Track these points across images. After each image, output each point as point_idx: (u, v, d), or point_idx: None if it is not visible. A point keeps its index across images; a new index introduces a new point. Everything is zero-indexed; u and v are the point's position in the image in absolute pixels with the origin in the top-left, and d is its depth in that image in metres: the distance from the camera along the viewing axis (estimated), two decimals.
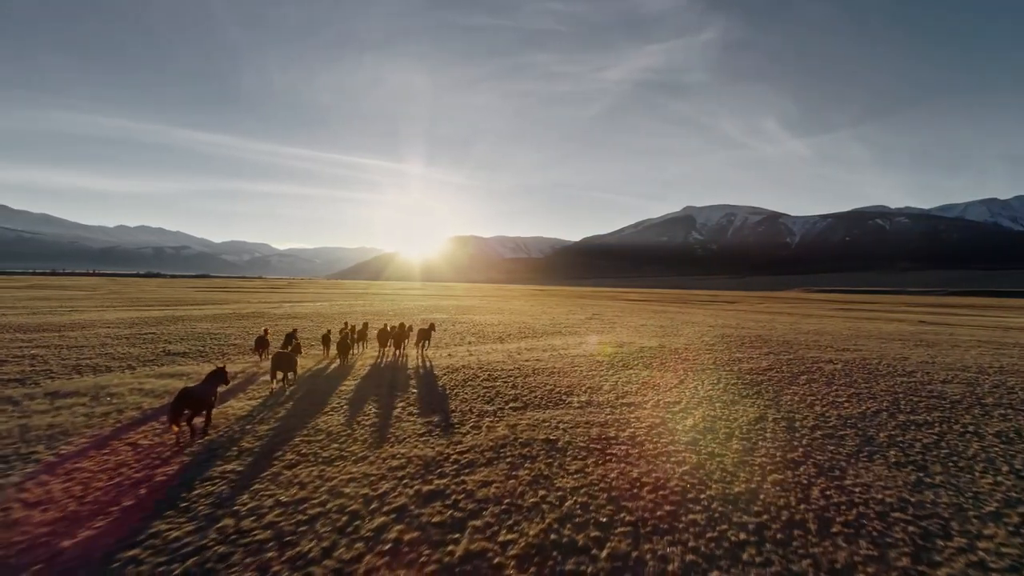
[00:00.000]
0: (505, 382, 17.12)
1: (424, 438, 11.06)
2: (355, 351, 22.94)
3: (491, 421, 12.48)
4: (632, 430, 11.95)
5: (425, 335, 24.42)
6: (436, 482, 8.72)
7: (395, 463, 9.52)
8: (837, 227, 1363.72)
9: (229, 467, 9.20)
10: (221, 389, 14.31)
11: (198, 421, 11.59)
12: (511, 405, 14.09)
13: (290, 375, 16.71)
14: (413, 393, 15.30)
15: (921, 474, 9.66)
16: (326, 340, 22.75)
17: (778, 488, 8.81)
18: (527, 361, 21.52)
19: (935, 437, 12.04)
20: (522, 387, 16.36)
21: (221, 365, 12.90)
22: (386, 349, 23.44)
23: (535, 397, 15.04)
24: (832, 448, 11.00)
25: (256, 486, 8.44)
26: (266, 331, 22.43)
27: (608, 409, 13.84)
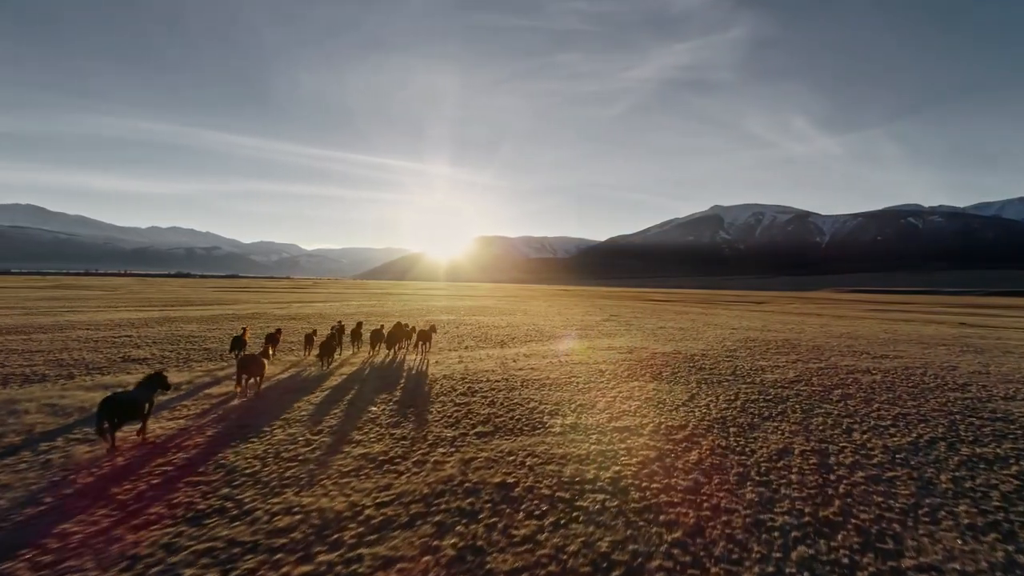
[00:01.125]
0: (484, 397, 14.66)
1: (346, 479, 8.60)
2: (340, 354, 21.53)
3: (443, 453, 9.98)
4: (618, 468, 9.36)
5: (425, 336, 23.03)
6: (318, 560, 6.22)
7: (282, 523, 7.06)
8: (868, 226, 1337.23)
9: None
10: (166, 396, 13.28)
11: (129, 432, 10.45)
12: (477, 430, 11.58)
13: (257, 379, 15.11)
14: (369, 412, 12.87)
15: (1010, 547, 6.93)
16: (309, 340, 21.52)
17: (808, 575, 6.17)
18: (520, 370, 19.06)
19: (1016, 482, 9.24)
20: (500, 405, 13.86)
21: (159, 369, 11.64)
22: (376, 350, 22.24)
23: (511, 419, 12.53)
24: (880, 499, 8.30)
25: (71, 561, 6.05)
26: (245, 331, 20.86)
27: (595, 436, 11.26)
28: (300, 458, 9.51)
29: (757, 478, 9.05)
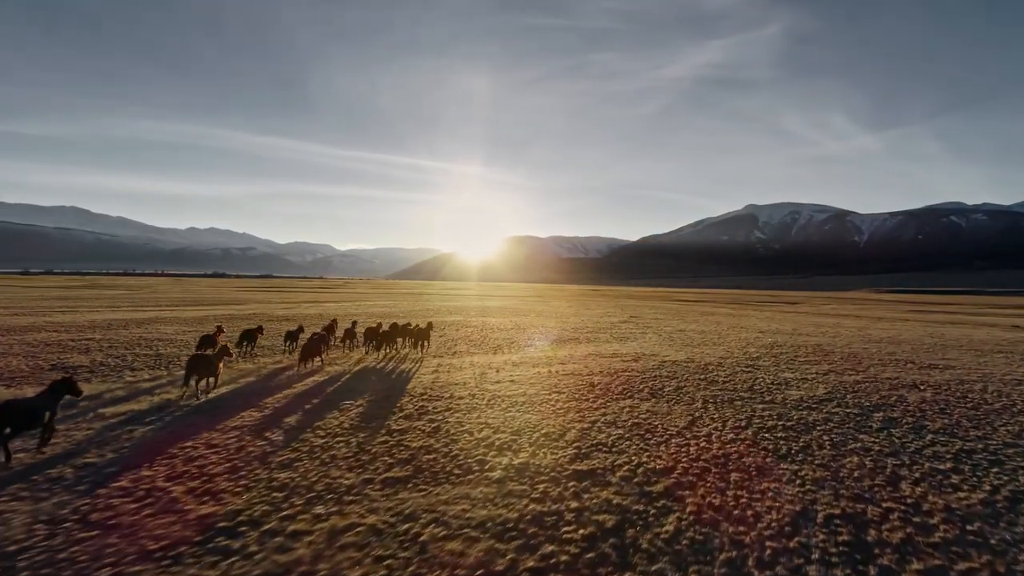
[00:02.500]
0: (430, 422, 11.81)
1: (149, 564, 5.78)
2: (327, 354, 20.50)
3: (314, 517, 7.16)
4: (551, 549, 6.41)
5: (423, 335, 22.71)
6: None
7: None
8: (908, 225, 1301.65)
9: None
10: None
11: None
12: (389, 475, 8.72)
13: (210, 381, 14.58)
14: (278, 437, 10.17)
15: None
16: (291, 339, 21.43)
17: None
18: (497, 383, 16.23)
19: None
20: (444, 434, 10.98)
21: (68, 375, 10.27)
22: (370, 349, 21.77)
23: (445, 456, 9.66)
24: None
25: None
26: (219, 330, 20.75)
27: (543, 487, 8.33)
28: (113, 526, 6.72)
29: (755, 569, 6.01)
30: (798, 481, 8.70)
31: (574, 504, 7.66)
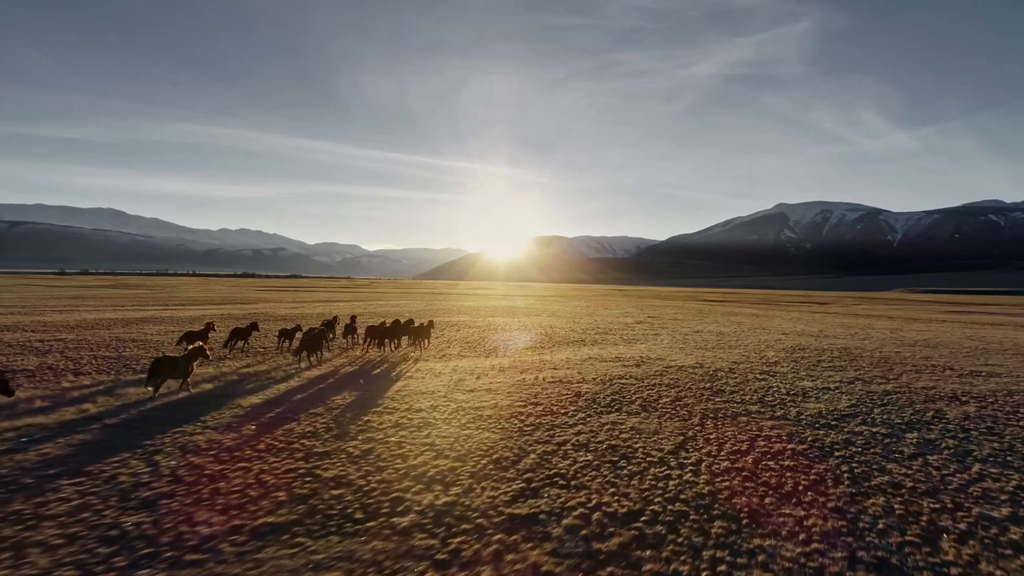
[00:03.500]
0: (366, 442, 9.97)
1: None
2: (326, 351, 20.46)
3: None
4: None
5: (423, 333, 22.72)
6: None
7: None
8: (944, 223, 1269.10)
9: None
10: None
11: None
12: (268, 520, 6.83)
13: (181, 383, 13.94)
14: (169, 464, 8.28)
15: None
16: (286, 336, 21.27)
17: None
18: (469, 393, 14.44)
19: None
20: (374, 459, 9.12)
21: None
22: (369, 345, 21.58)
23: (358, 492, 7.76)
24: None
25: None
26: (209, 326, 21.05)
27: (459, 541, 6.35)
28: None
29: None
30: (802, 535, 6.57)
31: (487, 573, 5.63)
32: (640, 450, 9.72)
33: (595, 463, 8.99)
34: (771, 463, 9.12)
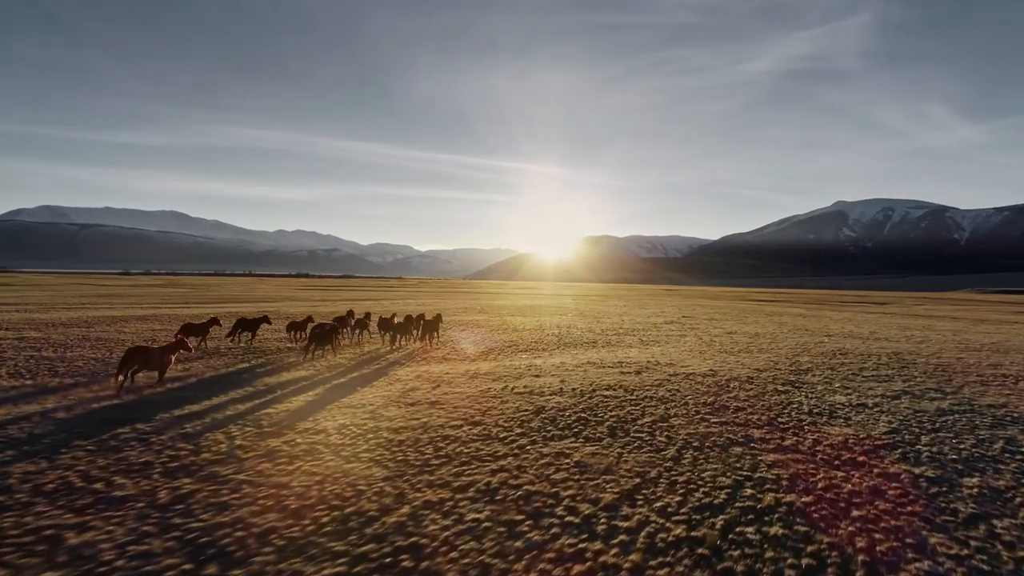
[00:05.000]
0: (204, 481, 7.35)
1: None
2: (336, 344, 19.58)
3: None
4: None
5: (432, 328, 21.94)
6: None
7: None
8: (1016, 221, 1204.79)
9: None
10: None
11: None
12: None
13: (156, 374, 13.58)
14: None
15: None
16: (296, 329, 21.12)
17: None
18: (408, 407, 11.81)
19: None
20: (186, 510, 6.42)
21: None
22: (384, 340, 21.94)
23: None
24: None
25: None
26: (213, 320, 20.48)
27: None
28: None
29: None
30: None
31: None
32: (566, 502, 6.86)
33: (484, 526, 6.20)
34: (750, 533, 6.16)
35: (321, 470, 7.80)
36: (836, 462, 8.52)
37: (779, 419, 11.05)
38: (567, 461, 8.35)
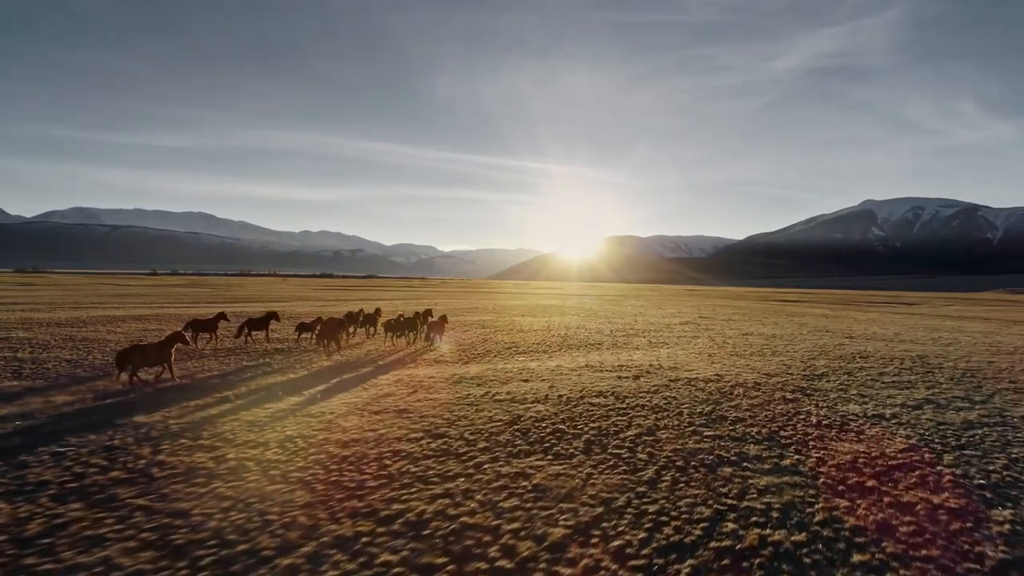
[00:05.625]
0: (93, 502, 6.24)
1: None
2: (343, 341, 20.52)
3: None
4: None
5: (437, 328, 21.88)
6: None
7: None
8: None
9: None
10: None
11: None
12: None
13: (157, 369, 14.23)
14: None
15: None
16: (304, 328, 20.96)
17: None
18: (370, 416, 10.79)
19: None
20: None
21: None
22: (390, 337, 21.69)
23: None
24: None
25: None
26: (220, 316, 20.83)
27: None
28: None
29: None
30: None
31: None
32: (505, 539, 5.76)
33: (392, 574, 5.05)
34: None
35: (236, 494, 6.78)
36: (841, 487, 7.30)
37: (782, 433, 9.81)
38: (525, 484, 7.23)
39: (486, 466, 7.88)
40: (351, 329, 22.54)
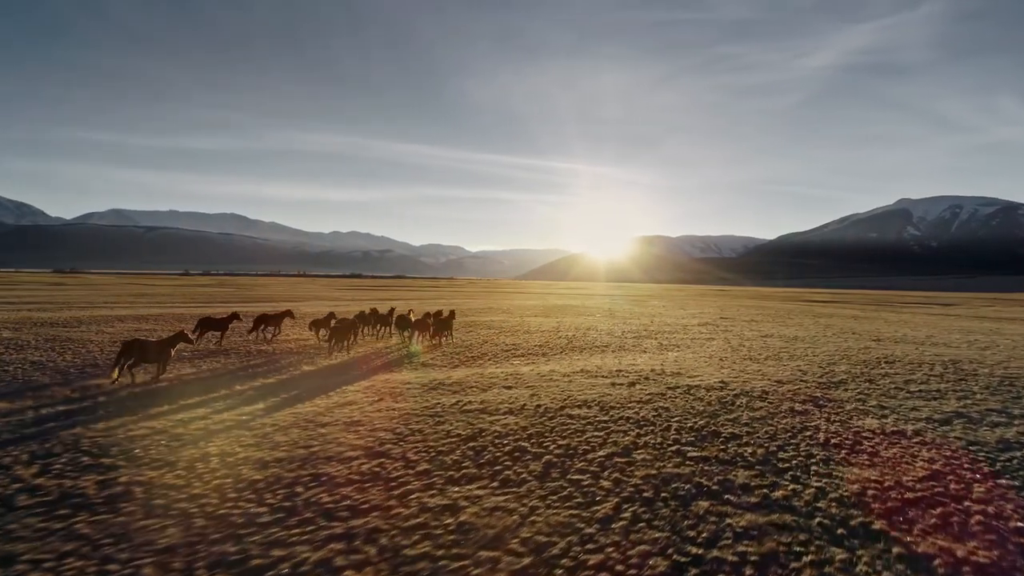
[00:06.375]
0: None
1: None
2: (354, 340, 20.10)
3: None
4: None
5: (445, 326, 21.68)
6: None
7: None
8: None
9: None
10: None
11: None
12: None
13: (155, 367, 13.48)
14: None
15: None
16: (318, 325, 21.10)
17: None
18: (316, 429, 9.67)
19: None
20: None
21: None
22: (404, 336, 21.65)
23: None
24: None
25: None
26: (234, 315, 20.67)
27: None
28: None
29: None
30: None
31: None
32: None
33: None
34: None
35: (91, 531, 5.68)
36: (840, 530, 5.89)
37: (780, 454, 8.39)
38: (449, 522, 5.95)
39: (414, 496, 6.63)
40: (362, 329, 22.35)
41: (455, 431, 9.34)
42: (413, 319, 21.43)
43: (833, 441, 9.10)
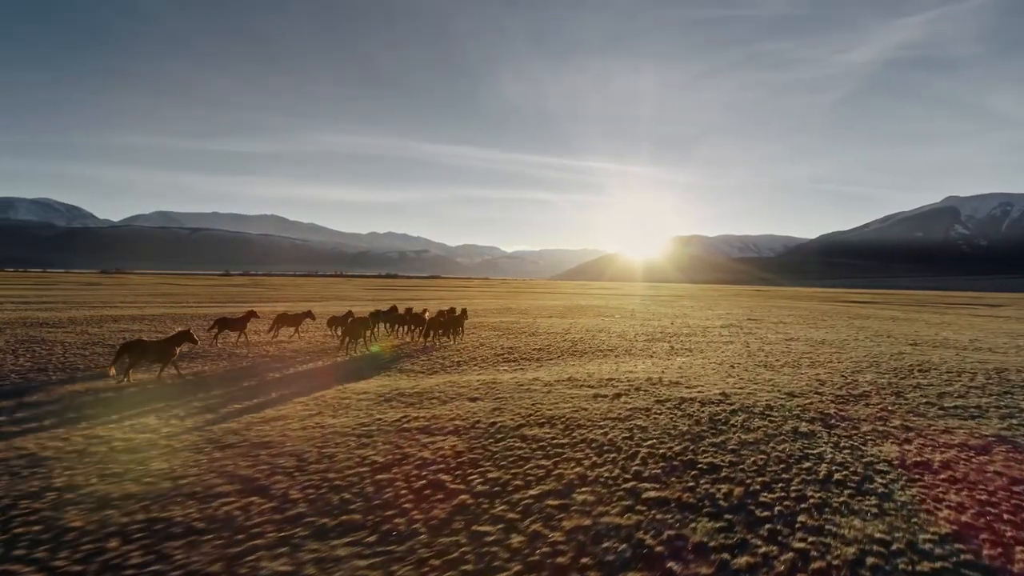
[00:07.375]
0: None
1: None
2: (364, 340, 19.89)
3: None
4: None
5: (456, 324, 21.67)
6: None
7: None
8: None
9: None
10: None
11: None
12: None
13: (158, 366, 13.55)
14: None
15: None
16: (336, 323, 21.42)
17: None
18: (259, 447, 8.00)
19: None
20: None
21: None
22: (413, 335, 22.08)
23: None
24: None
25: None
26: (251, 313, 20.96)
27: None
28: None
29: None
30: None
31: None
32: None
33: None
34: None
35: None
36: None
37: (763, 495, 6.61)
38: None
39: (252, 557, 5.03)
40: (375, 327, 22.18)
41: (372, 458, 7.77)
42: (427, 317, 21.74)
43: (836, 477, 7.27)
